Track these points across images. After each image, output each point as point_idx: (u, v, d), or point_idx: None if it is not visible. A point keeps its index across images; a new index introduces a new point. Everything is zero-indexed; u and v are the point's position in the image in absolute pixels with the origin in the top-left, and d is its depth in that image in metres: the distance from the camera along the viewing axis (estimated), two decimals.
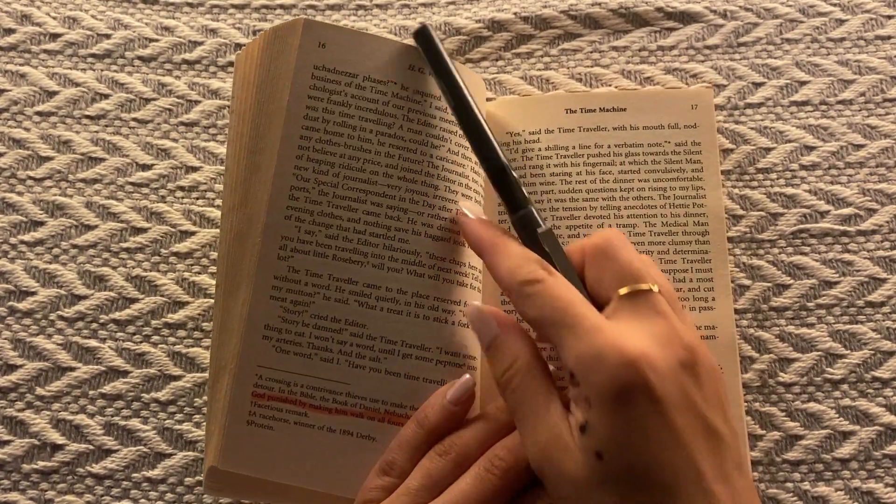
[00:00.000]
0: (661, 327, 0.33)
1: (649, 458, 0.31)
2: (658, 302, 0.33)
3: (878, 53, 0.46)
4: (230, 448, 0.37)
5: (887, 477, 0.40)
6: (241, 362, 0.37)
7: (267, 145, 0.38)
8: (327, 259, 0.38)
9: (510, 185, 0.36)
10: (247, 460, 0.37)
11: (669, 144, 0.43)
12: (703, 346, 0.33)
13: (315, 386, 0.37)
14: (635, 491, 0.31)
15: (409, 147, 0.39)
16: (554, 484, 0.33)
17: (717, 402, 0.33)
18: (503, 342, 0.35)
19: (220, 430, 0.37)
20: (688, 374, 0.32)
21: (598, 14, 0.48)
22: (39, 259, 0.43)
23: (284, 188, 0.38)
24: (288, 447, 0.37)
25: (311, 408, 0.37)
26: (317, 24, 0.39)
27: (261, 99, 0.38)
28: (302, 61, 0.38)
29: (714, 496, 0.31)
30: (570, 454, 0.32)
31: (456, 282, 0.39)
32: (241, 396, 0.37)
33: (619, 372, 0.31)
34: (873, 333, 0.42)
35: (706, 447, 0.31)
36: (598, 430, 0.31)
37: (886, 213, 0.43)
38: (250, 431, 0.37)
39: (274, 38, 0.39)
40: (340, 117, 0.38)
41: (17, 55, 0.47)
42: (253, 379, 0.37)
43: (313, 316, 0.37)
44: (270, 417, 0.37)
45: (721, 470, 0.31)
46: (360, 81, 0.39)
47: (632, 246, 0.35)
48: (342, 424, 0.37)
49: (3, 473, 0.40)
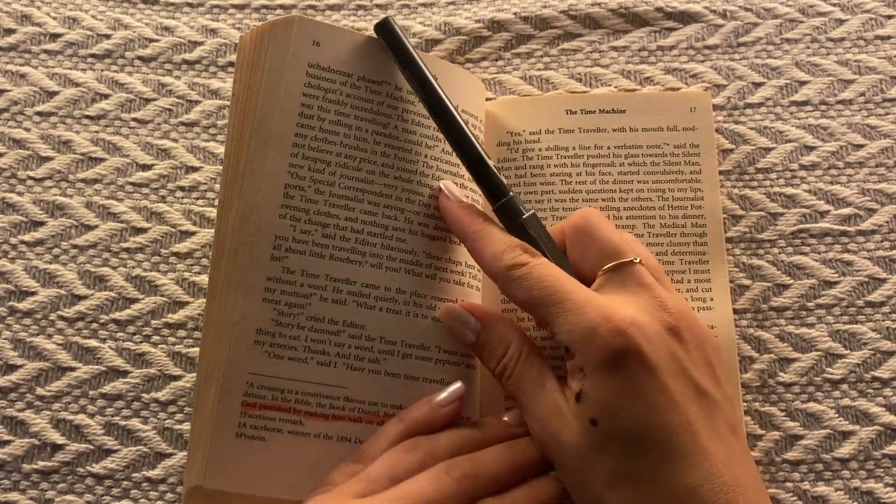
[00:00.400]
0: (645, 296, 0.34)
1: (643, 420, 0.32)
2: (641, 273, 0.34)
3: (878, 53, 0.46)
4: (217, 464, 0.35)
5: (887, 477, 0.40)
6: (230, 370, 0.35)
7: (259, 141, 0.37)
8: (324, 259, 0.37)
9: (488, 174, 0.36)
10: (236, 476, 0.35)
11: (668, 146, 0.43)
12: (688, 312, 0.35)
13: (310, 392, 0.36)
14: (632, 455, 0.32)
15: (404, 147, 0.39)
16: (555, 454, 0.34)
17: (705, 365, 0.34)
18: (490, 334, 0.36)
19: (206, 444, 0.35)
20: (675, 339, 0.33)
21: (598, 14, 0.48)
22: (39, 259, 0.43)
23: (278, 186, 0.37)
24: (281, 459, 0.35)
25: (306, 415, 0.36)
26: (311, 21, 0.38)
27: (253, 94, 0.38)
28: (296, 59, 0.38)
29: (710, 455, 0.31)
30: (567, 423, 0.33)
31: (453, 280, 0.39)
32: (230, 407, 0.35)
33: (611, 339, 0.32)
34: (873, 333, 0.42)
35: (698, 408, 0.32)
36: (592, 396, 0.32)
37: (886, 213, 0.43)
38: (240, 444, 0.35)
39: (269, 34, 0.38)
40: (336, 116, 0.38)
41: (17, 55, 0.47)
42: (243, 387, 0.36)
43: (310, 318, 0.36)
44: (262, 428, 0.35)
45: (716, 431, 0.32)
46: (355, 81, 0.38)
47: (609, 222, 0.36)
48: (339, 431, 0.36)
49: (3, 473, 0.40)
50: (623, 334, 0.32)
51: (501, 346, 0.36)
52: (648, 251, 0.37)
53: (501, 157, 0.43)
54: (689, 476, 0.31)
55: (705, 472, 0.31)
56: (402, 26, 0.48)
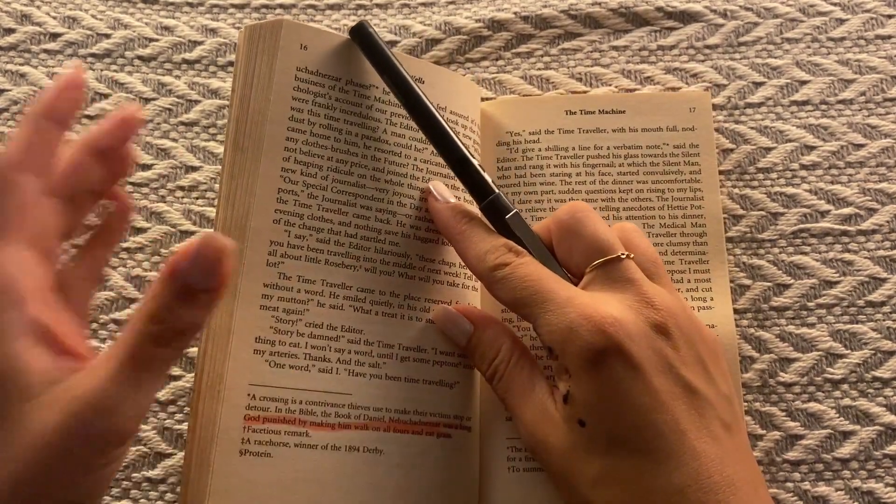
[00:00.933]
0: (631, 293, 0.33)
1: (629, 420, 0.31)
2: (627, 268, 0.34)
3: (879, 53, 0.46)
4: (221, 487, 0.33)
5: (888, 477, 0.40)
6: (230, 382, 0.34)
7: (252, 144, 0.37)
8: (320, 264, 0.36)
9: (472, 175, 0.36)
10: (241, 499, 0.33)
11: (668, 147, 0.43)
12: (677, 307, 0.34)
13: (315, 401, 0.35)
14: (619, 455, 0.31)
15: (394, 150, 0.38)
16: (543, 457, 0.33)
17: (696, 363, 0.33)
18: (481, 336, 0.36)
19: (207, 467, 0.33)
20: (661, 336, 0.32)
21: (598, 14, 0.48)
22: None
23: (272, 190, 0.36)
24: (288, 475, 0.34)
25: (312, 426, 0.34)
26: (298, 25, 0.38)
27: (244, 98, 0.37)
28: (284, 62, 0.37)
29: (700, 455, 0.31)
30: (555, 426, 0.33)
31: (447, 282, 0.39)
32: (232, 422, 0.33)
33: (591, 338, 0.31)
34: (874, 333, 0.42)
35: (687, 407, 0.32)
36: (578, 397, 0.32)
37: (887, 213, 0.43)
38: (244, 463, 0.33)
39: (258, 37, 0.38)
40: (326, 120, 0.38)
41: (17, 55, 0.47)
42: (244, 400, 0.34)
43: (308, 324, 0.36)
44: (267, 443, 0.34)
45: (706, 429, 0.31)
46: (344, 85, 0.38)
47: (596, 215, 0.36)
48: (347, 440, 0.35)
49: None
50: (603, 333, 0.31)
51: (492, 348, 0.36)
52: (647, 242, 0.36)
53: (501, 157, 0.43)
54: (677, 476, 0.30)
55: (693, 472, 0.30)
56: (402, 26, 0.48)
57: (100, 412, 0.26)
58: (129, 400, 0.26)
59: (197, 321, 0.27)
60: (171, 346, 0.27)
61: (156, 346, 0.26)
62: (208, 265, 0.26)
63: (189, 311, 0.26)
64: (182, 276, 0.26)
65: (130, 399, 0.26)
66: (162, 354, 0.27)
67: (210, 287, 0.26)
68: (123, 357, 0.26)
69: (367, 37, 0.38)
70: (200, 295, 0.26)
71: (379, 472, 0.35)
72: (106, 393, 0.26)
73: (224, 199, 0.37)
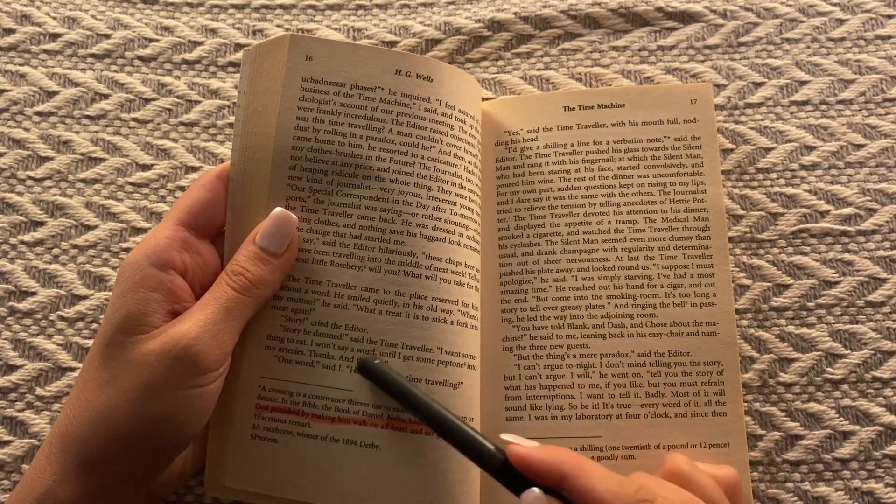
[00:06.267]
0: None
1: None
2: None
3: (878, 53, 0.46)
4: (236, 465, 0.37)
5: (887, 477, 0.40)
6: (245, 374, 0.37)
7: (260, 155, 0.38)
8: (325, 266, 0.38)
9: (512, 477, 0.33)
10: (252, 476, 0.37)
11: (669, 139, 0.43)
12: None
13: (317, 395, 0.37)
14: None
15: (399, 150, 0.39)
16: None
17: None
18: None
19: (226, 446, 0.37)
20: None
21: (598, 14, 0.48)
22: (39, 259, 0.43)
23: (280, 198, 0.38)
24: (291, 460, 0.37)
25: (313, 417, 0.37)
26: (303, 38, 0.39)
27: (251, 111, 0.39)
28: (290, 76, 0.39)
29: None
30: None
31: (453, 281, 0.39)
32: (245, 410, 0.37)
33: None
34: (873, 333, 0.42)
35: None
36: None
37: (886, 213, 0.43)
38: (254, 445, 0.37)
39: (265, 54, 0.39)
40: (331, 126, 0.39)
41: (17, 55, 0.47)
42: (256, 391, 0.37)
43: (314, 323, 0.38)
44: (274, 430, 0.37)
45: None
46: (348, 90, 0.39)
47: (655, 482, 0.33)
48: (345, 434, 0.37)
49: (3, 473, 0.40)
50: None
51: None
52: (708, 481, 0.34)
53: (499, 157, 0.43)
54: None
55: None
56: (402, 26, 0.48)
57: (193, 342, 0.33)
58: (217, 337, 0.34)
59: (268, 277, 0.36)
60: (250, 295, 0.35)
61: (239, 294, 0.35)
62: (279, 237, 0.36)
63: (261, 269, 0.36)
64: (258, 242, 0.36)
65: (218, 336, 0.34)
66: (243, 301, 0.35)
67: (277, 252, 0.36)
68: (214, 304, 0.35)
69: (371, 371, 0.37)
70: (271, 258, 0.36)
71: (375, 467, 0.37)
72: (199, 329, 0.34)
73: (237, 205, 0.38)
